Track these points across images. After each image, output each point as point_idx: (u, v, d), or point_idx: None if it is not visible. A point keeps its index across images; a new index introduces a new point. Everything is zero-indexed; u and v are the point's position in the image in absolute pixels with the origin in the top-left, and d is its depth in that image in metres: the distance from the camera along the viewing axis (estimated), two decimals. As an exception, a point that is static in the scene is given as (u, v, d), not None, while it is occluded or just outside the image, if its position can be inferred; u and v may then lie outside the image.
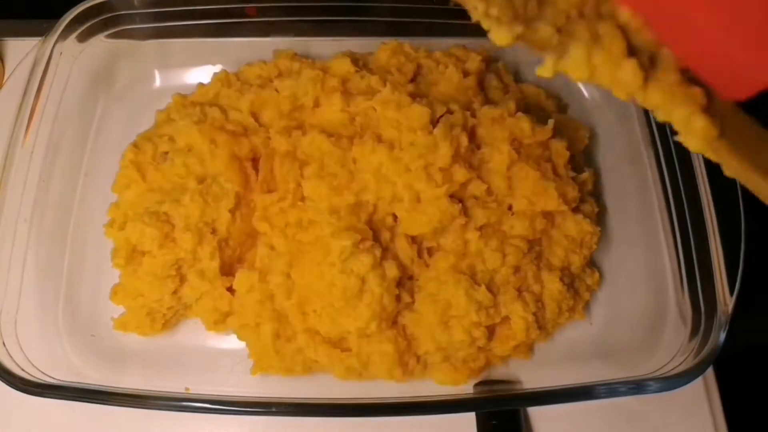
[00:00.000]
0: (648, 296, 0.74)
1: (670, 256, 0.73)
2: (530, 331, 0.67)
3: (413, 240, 0.69)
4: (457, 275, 0.67)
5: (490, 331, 0.68)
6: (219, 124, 0.75)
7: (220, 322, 0.70)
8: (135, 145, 0.75)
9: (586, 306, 0.74)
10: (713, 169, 0.68)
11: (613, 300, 0.75)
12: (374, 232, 0.69)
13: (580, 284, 0.73)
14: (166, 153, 0.74)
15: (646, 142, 0.78)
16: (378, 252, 0.66)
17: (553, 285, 0.69)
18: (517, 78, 0.85)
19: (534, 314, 0.68)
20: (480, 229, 0.69)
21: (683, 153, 0.71)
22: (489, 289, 0.67)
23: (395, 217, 0.70)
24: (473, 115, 0.74)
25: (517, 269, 0.69)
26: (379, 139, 0.71)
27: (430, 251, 0.70)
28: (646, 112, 0.78)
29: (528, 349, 0.71)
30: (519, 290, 0.69)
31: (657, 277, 0.74)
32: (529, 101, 0.81)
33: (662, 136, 0.75)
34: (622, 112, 0.83)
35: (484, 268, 0.69)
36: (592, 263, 0.75)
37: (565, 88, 0.86)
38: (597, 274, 0.74)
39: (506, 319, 0.68)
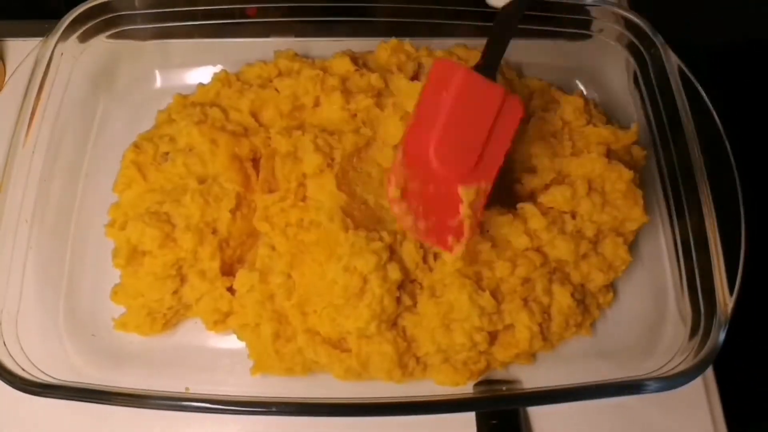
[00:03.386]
0: (648, 296, 0.74)
1: (669, 255, 0.73)
2: (534, 341, 0.67)
3: (421, 245, 0.69)
4: (461, 279, 0.67)
5: (492, 337, 0.68)
6: (219, 124, 0.75)
7: (220, 322, 0.70)
8: (136, 145, 0.76)
9: (593, 322, 0.73)
10: (713, 169, 0.69)
11: (614, 300, 0.75)
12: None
13: (591, 301, 0.72)
14: (167, 153, 0.74)
15: (647, 141, 0.78)
16: (385, 254, 0.66)
17: (563, 299, 0.68)
18: (520, 75, 0.85)
19: (539, 325, 0.67)
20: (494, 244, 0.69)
21: (683, 153, 0.71)
22: (493, 295, 0.67)
23: None
24: None
25: (526, 280, 0.68)
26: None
27: (437, 256, 0.69)
28: (645, 114, 0.78)
29: (530, 356, 0.70)
30: (525, 300, 0.68)
31: (657, 277, 0.74)
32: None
33: (662, 136, 0.75)
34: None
35: (491, 275, 0.68)
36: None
37: (567, 87, 0.86)
38: (611, 295, 0.73)
39: (510, 326, 0.68)
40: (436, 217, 0.63)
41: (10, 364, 0.62)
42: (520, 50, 0.84)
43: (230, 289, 0.70)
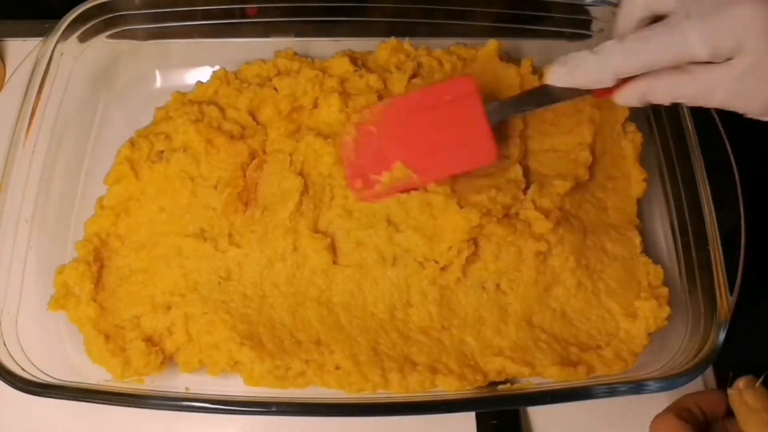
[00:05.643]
0: (648, 296, 0.74)
1: (669, 255, 0.73)
2: None
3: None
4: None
5: None
6: (216, 123, 0.75)
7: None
8: (132, 141, 0.75)
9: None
10: (714, 169, 0.69)
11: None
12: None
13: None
14: (162, 152, 0.74)
15: (647, 141, 0.78)
16: None
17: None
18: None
19: None
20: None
21: (683, 152, 0.71)
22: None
23: None
24: None
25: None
26: None
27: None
28: (646, 114, 0.78)
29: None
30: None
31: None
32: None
33: (661, 134, 0.75)
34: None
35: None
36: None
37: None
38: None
39: None
40: (362, 163, 0.70)
41: (10, 364, 0.62)
42: (520, 50, 0.85)
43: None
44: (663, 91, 0.54)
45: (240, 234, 0.70)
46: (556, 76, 0.59)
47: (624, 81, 0.55)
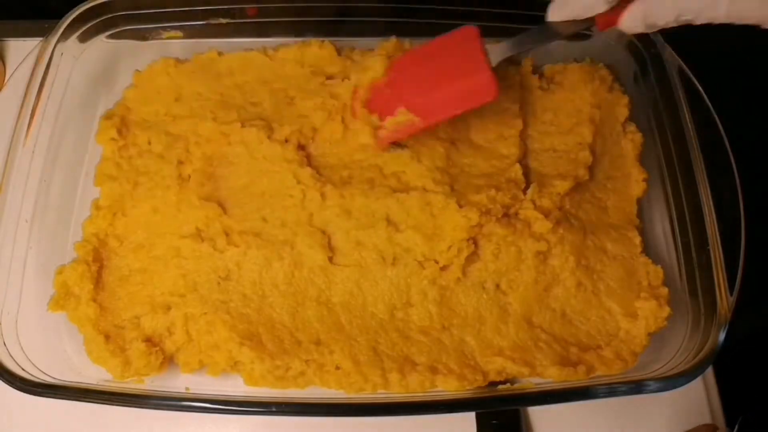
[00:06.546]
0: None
1: (669, 255, 0.73)
2: None
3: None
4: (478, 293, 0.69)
5: None
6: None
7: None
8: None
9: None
10: (713, 169, 0.69)
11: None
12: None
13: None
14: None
15: (648, 141, 0.78)
16: None
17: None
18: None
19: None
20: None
21: (683, 152, 0.71)
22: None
23: None
24: None
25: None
26: None
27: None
28: (646, 114, 0.78)
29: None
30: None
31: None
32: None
33: (662, 135, 0.75)
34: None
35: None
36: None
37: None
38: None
39: None
40: (378, 113, 0.72)
41: (10, 364, 0.62)
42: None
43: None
44: (666, 7, 0.51)
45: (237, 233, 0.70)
46: (554, 11, 0.59)
47: (623, 6, 0.55)
